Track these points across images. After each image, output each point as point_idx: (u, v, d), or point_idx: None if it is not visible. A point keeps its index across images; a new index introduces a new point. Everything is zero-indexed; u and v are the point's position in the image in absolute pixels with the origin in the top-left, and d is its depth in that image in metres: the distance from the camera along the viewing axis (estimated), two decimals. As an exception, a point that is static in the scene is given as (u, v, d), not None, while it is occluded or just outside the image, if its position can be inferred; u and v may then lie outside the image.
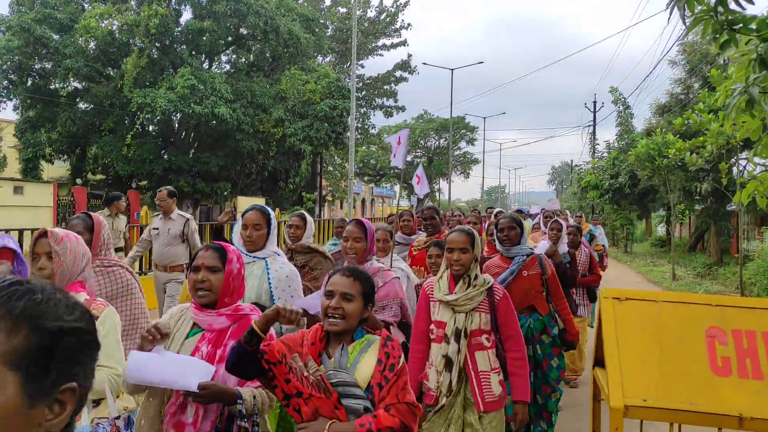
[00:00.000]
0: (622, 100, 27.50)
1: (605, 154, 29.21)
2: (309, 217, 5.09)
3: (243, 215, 3.79)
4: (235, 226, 3.89)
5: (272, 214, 3.79)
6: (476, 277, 3.49)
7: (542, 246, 5.90)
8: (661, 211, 29.86)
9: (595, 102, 39.05)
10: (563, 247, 6.18)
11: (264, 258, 3.66)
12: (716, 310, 2.88)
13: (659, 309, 2.89)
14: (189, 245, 7.39)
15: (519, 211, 13.09)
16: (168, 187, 7.82)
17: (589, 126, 39.05)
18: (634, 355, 2.79)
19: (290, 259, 4.77)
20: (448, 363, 3.38)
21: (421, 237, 6.06)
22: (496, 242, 4.73)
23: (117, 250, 8.34)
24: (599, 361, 3.22)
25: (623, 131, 27.35)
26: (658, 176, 17.89)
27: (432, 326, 3.51)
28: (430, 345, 3.51)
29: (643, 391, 2.69)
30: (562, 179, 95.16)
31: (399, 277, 3.88)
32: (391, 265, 4.45)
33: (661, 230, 33.63)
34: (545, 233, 7.73)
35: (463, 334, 3.38)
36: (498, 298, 3.47)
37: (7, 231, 8.25)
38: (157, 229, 7.41)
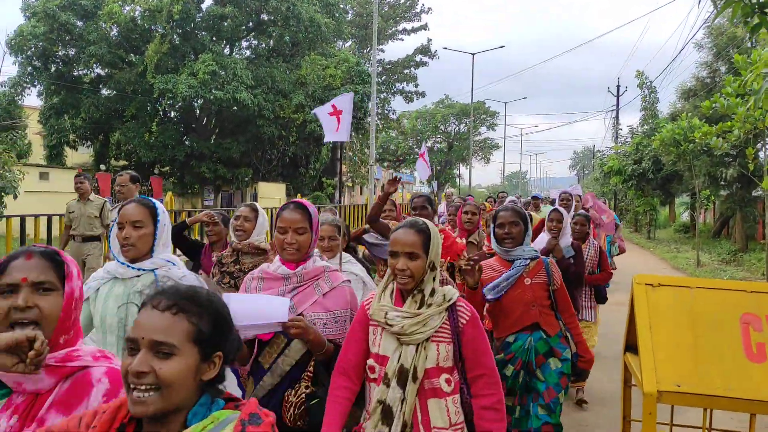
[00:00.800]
0: (648, 84, 27.11)
1: (628, 139, 28.88)
2: (261, 210, 4.24)
3: (119, 210, 2.76)
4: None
5: (159, 206, 2.72)
6: (433, 292, 2.49)
7: (540, 240, 5.22)
8: (685, 196, 29.49)
9: (618, 86, 38.57)
10: (566, 240, 5.28)
11: (153, 269, 2.65)
12: (751, 296, 2.86)
13: (693, 295, 2.88)
14: None
15: (535, 198, 11.53)
16: (130, 171, 6.97)
17: (612, 110, 38.60)
18: (667, 341, 2.78)
19: (236, 262, 4.06)
20: (386, 414, 2.43)
21: None
22: (493, 241, 3.81)
23: (92, 238, 7.94)
24: (630, 347, 3.22)
25: (648, 116, 26.98)
26: (683, 161, 17.65)
27: (370, 360, 2.53)
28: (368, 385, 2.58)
29: (676, 376, 2.69)
30: (584, 165, 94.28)
31: (350, 281, 2.89)
32: (341, 268, 3.71)
33: (684, 216, 33.23)
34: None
35: (411, 375, 2.41)
36: (464, 320, 2.49)
37: (34, 216, 8.40)
38: (115, 220, 6.71)
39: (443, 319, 2.46)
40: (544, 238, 5.19)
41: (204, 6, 28.00)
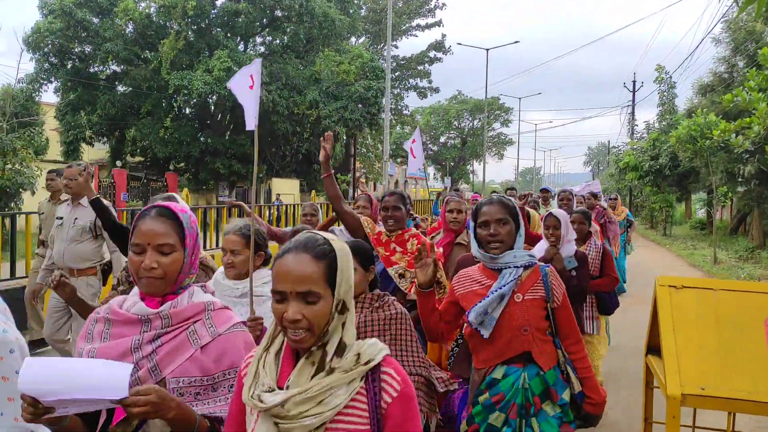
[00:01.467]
0: (667, 79, 26.84)
1: (644, 135, 28.63)
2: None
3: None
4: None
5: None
6: (342, 349, 1.57)
7: (540, 247, 4.50)
8: (702, 193, 29.21)
9: (634, 82, 38.24)
10: (568, 248, 4.49)
11: None
12: (776, 298, 2.83)
13: (717, 297, 2.85)
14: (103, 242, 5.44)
15: (545, 191, 10.69)
16: (80, 161, 5.96)
17: (628, 106, 38.29)
18: (691, 344, 2.76)
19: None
20: None
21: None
22: (473, 244, 2.87)
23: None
24: (652, 349, 3.19)
25: (665, 111, 26.73)
26: (700, 158, 17.48)
27: None
28: None
29: (700, 379, 2.66)
30: (598, 161, 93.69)
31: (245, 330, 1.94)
32: (251, 291, 2.81)
33: (701, 213, 32.93)
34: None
35: None
36: (390, 396, 1.55)
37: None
38: (62, 218, 5.41)
39: (354, 393, 1.53)
40: (543, 245, 4.51)
41: (218, 2, 28.11)
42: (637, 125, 33.90)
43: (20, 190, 13.72)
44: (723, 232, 23.35)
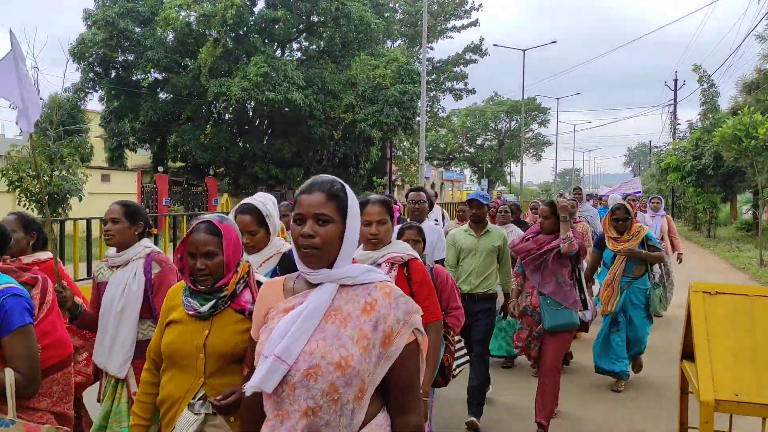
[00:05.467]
0: (707, 77, 26.23)
1: (687, 135, 28.01)
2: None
3: None
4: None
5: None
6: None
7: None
8: (748, 193, 28.43)
9: (675, 81, 37.46)
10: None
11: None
12: (814, 304, 2.79)
13: (752, 303, 2.82)
14: None
15: (578, 190, 9.86)
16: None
17: (670, 105, 37.53)
18: (725, 350, 2.74)
19: None
20: None
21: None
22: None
23: None
24: (687, 354, 3.17)
25: (708, 110, 26.11)
26: (745, 158, 17.04)
27: None
28: None
29: (734, 385, 2.64)
30: (639, 161, 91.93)
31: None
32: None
33: (747, 214, 32.02)
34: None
35: None
36: None
37: (100, 219, 8.77)
38: None
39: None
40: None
41: (256, 10, 28.54)
42: (679, 124, 33.21)
43: (68, 196, 14.15)
44: (770, 234, 22.66)
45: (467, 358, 4.23)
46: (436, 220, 8.16)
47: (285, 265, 2.94)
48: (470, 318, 4.72)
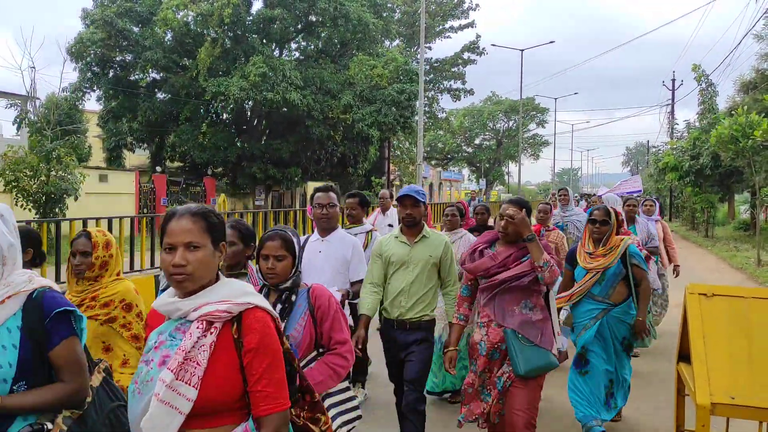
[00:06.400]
0: (705, 77, 26.24)
1: (685, 134, 28.03)
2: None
3: None
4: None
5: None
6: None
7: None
8: (746, 193, 28.45)
9: (673, 81, 37.49)
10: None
11: None
12: (810, 306, 2.78)
13: (748, 305, 2.81)
14: None
15: (563, 191, 8.89)
16: None
17: (668, 105, 37.57)
18: (721, 352, 2.73)
19: None
20: None
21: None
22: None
23: None
24: (683, 356, 3.16)
25: (706, 110, 26.13)
26: (742, 158, 17.05)
27: None
28: None
29: (731, 388, 2.64)
30: (637, 161, 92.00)
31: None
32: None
33: (745, 213, 32.05)
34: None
35: None
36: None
37: (96, 219, 8.74)
38: None
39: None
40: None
41: (254, 9, 28.51)
42: (677, 124, 33.24)
43: (64, 196, 14.12)
44: (767, 234, 22.68)
45: (358, 412, 3.04)
46: (390, 225, 7.66)
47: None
48: (401, 351, 3.89)
